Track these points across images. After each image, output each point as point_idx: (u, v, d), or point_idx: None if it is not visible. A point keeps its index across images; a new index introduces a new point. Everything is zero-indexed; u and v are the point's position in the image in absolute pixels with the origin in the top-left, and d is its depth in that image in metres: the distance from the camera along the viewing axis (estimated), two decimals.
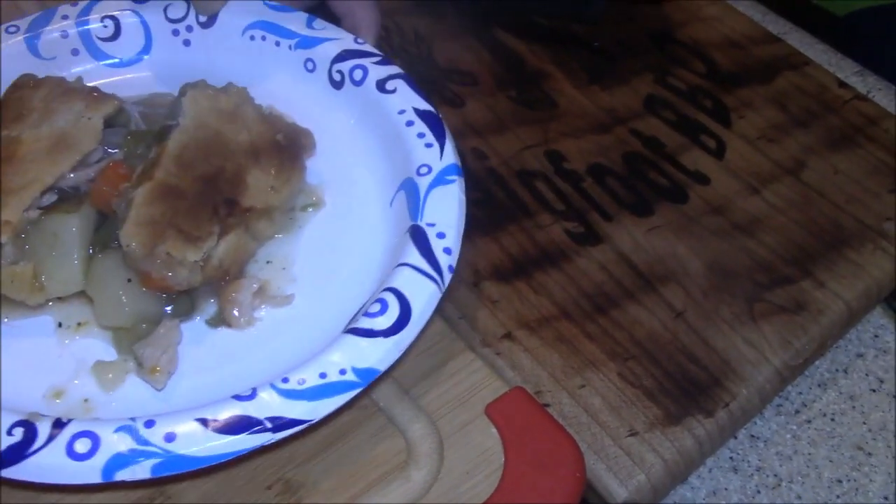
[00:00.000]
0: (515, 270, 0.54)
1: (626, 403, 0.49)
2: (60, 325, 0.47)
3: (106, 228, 0.48)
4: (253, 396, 0.40)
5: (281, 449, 0.44)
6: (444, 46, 0.67)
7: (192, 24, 0.57)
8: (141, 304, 0.46)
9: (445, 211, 0.47)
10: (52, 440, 0.39)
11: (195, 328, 0.47)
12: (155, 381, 0.44)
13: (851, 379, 0.54)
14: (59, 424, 0.39)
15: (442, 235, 0.46)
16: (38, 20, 0.56)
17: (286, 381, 0.41)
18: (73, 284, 0.47)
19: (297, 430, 0.40)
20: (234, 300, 0.47)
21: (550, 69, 0.66)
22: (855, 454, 0.51)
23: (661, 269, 0.55)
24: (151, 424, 0.39)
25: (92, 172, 0.49)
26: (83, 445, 0.39)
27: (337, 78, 0.55)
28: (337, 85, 0.55)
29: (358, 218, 0.51)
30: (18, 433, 0.39)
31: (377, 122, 0.52)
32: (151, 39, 0.58)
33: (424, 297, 0.44)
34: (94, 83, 0.54)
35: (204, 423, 0.39)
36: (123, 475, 0.38)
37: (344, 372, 0.41)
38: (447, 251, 0.45)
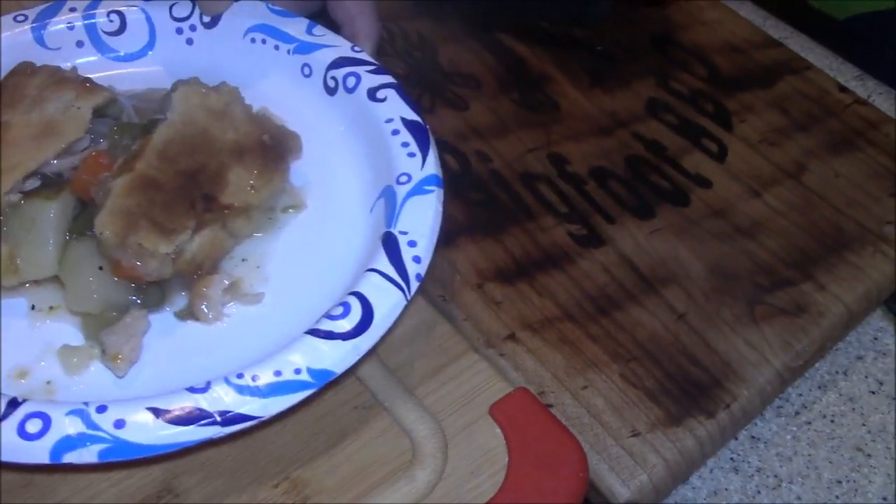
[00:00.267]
0: (519, 272, 0.54)
1: (628, 404, 0.49)
2: (34, 307, 0.48)
3: (84, 216, 0.49)
4: (206, 389, 0.41)
5: (287, 448, 0.45)
6: (447, 50, 0.68)
7: (195, 23, 0.58)
8: (110, 291, 0.47)
9: (420, 220, 0.47)
10: (4, 419, 0.39)
11: (164, 320, 0.48)
12: (116, 368, 0.45)
13: (851, 381, 0.55)
14: (13, 404, 0.40)
15: (413, 244, 0.46)
16: (46, 11, 0.57)
17: (241, 376, 0.41)
18: (46, 268, 0.48)
19: (245, 425, 0.41)
20: (204, 295, 0.47)
21: (553, 72, 0.67)
22: (854, 455, 0.51)
23: (662, 271, 0.55)
24: (103, 410, 0.40)
25: (76, 160, 0.49)
26: (34, 426, 0.39)
27: (331, 84, 0.55)
28: (331, 91, 0.55)
29: (337, 222, 0.51)
30: None
31: (366, 129, 0.53)
32: (155, 36, 0.59)
33: (388, 303, 0.44)
34: (96, 75, 0.55)
35: (155, 412, 0.40)
36: (71, 458, 0.39)
37: (299, 371, 0.41)
38: (416, 260, 0.45)
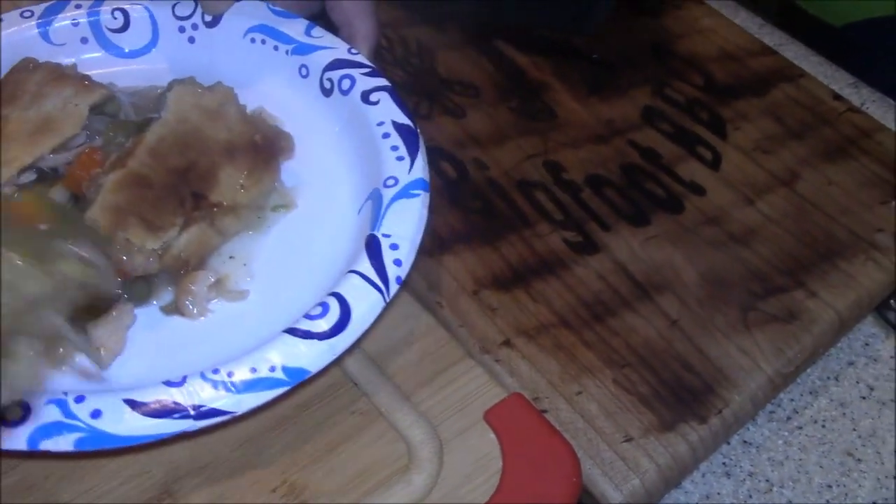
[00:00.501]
0: (514, 279, 0.55)
1: (621, 410, 0.50)
2: None
3: (77, 210, 0.49)
4: (182, 384, 0.42)
5: (286, 453, 0.46)
6: (446, 58, 0.69)
7: (197, 22, 0.59)
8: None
9: (403, 223, 0.48)
10: None
11: (150, 314, 0.49)
12: (100, 360, 0.46)
13: (842, 386, 0.56)
14: None
15: (395, 247, 0.47)
16: (52, 7, 0.59)
17: (216, 371, 0.42)
18: None
19: (219, 420, 0.42)
20: (189, 290, 0.48)
21: (550, 80, 0.68)
22: (845, 460, 0.52)
23: (657, 278, 0.56)
24: (81, 400, 0.41)
25: (71, 156, 0.50)
26: (14, 413, 0.40)
27: (327, 85, 0.56)
28: (326, 92, 0.56)
29: (326, 223, 0.52)
30: None
31: (358, 131, 0.53)
32: (158, 34, 0.60)
33: (366, 304, 0.45)
34: (99, 71, 0.56)
35: (131, 404, 0.41)
36: (48, 445, 0.40)
37: (274, 369, 0.42)
38: (397, 263, 0.46)
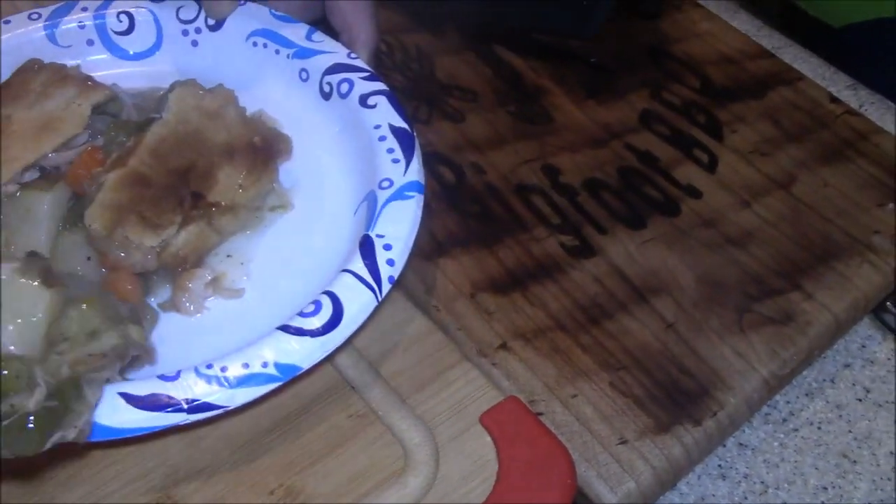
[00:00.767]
0: (512, 282, 0.56)
1: (616, 412, 0.50)
2: None
3: (77, 208, 0.50)
4: (175, 378, 0.42)
5: (283, 456, 0.46)
6: (445, 63, 0.69)
7: (200, 26, 0.60)
8: (98, 281, 0.48)
9: (397, 224, 0.48)
10: None
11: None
12: None
13: (838, 388, 0.56)
14: None
15: (388, 247, 0.47)
16: (59, 10, 0.60)
17: (210, 367, 0.43)
18: None
19: (211, 414, 0.42)
20: (186, 288, 0.49)
21: (548, 84, 0.68)
22: (840, 462, 0.52)
23: (653, 281, 0.56)
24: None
25: (72, 155, 0.51)
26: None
27: (326, 89, 0.56)
28: (326, 96, 0.57)
29: (322, 224, 0.53)
30: None
31: (356, 134, 0.54)
32: (162, 37, 0.60)
33: (359, 304, 0.45)
34: (104, 73, 0.57)
35: (126, 397, 0.42)
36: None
37: (266, 365, 0.43)
38: (390, 263, 0.47)
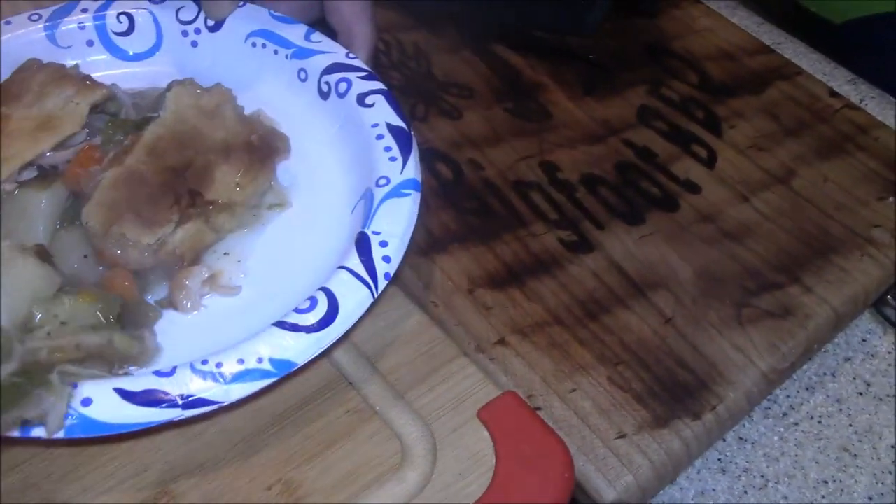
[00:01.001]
0: (509, 278, 0.56)
1: (615, 406, 0.50)
2: None
3: (74, 206, 0.51)
4: (171, 374, 0.42)
5: (281, 451, 0.46)
6: (442, 60, 0.69)
7: (200, 27, 0.60)
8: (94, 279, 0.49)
9: (393, 221, 0.48)
10: None
11: None
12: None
13: (839, 382, 0.56)
14: None
15: (384, 244, 0.48)
16: (59, 11, 0.60)
17: (205, 362, 0.43)
18: None
19: (207, 409, 0.42)
20: (183, 285, 0.49)
21: (546, 81, 0.68)
22: (841, 456, 0.52)
23: (651, 275, 0.56)
24: (74, 388, 0.42)
25: (70, 154, 0.51)
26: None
27: (324, 89, 0.57)
28: (324, 95, 0.57)
29: (319, 222, 0.53)
30: None
31: (354, 133, 0.54)
32: (162, 38, 0.61)
33: (354, 300, 0.46)
34: (104, 73, 0.57)
35: (121, 393, 0.42)
36: (40, 432, 0.41)
37: (261, 361, 0.43)
38: (386, 259, 0.47)
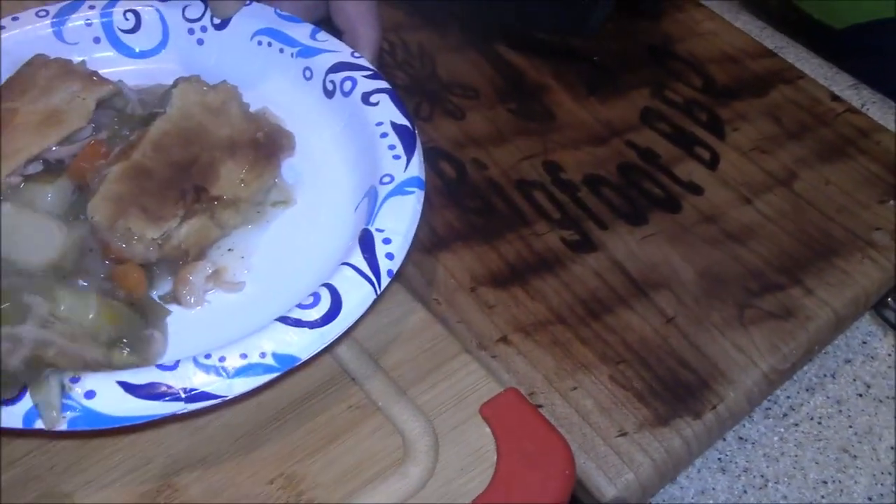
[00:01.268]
0: (512, 277, 0.56)
1: (616, 405, 0.50)
2: None
3: (80, 200, 0.51)
4: (174, 367, 0.43)
5: (284, 446, 0.46)
6: (446, 60, 0.69)
7: (206, 24, 0.60)
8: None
9: (397, 219, 0.49)
10: None
11: None
12: None
13: (839, 384, 0.56)
14: None
15: (388, 241, 0.48)
16: (66, 8, 0.60)
17: (208, 357, 0.43)
18: None
19: (209, 403, 0.42)
20: (187, 281, 0.49)
21: (550, 82, 0.68)
22: (840, 456, 0.52)
23: (653, 276, 0.56)
24: (77, 381, 0.42)
25: (76, 149, 0.52)
26: (11, 392, 0.41)
27: (329, 87, 0.57)
28: (329, 94, 0.57)
29: (323, 219, 0.53)
30: None
31: (359, 131, 0.55)
32: (168, 35, 0.61)
33: (357, 296, 0.46)
34: (111, 70, 0.58)
35: (124, 386, 0.42)
36: (42, 424, 0.41)
37: (264, 355, 0.43)
38: (389, 256, 0.47)
